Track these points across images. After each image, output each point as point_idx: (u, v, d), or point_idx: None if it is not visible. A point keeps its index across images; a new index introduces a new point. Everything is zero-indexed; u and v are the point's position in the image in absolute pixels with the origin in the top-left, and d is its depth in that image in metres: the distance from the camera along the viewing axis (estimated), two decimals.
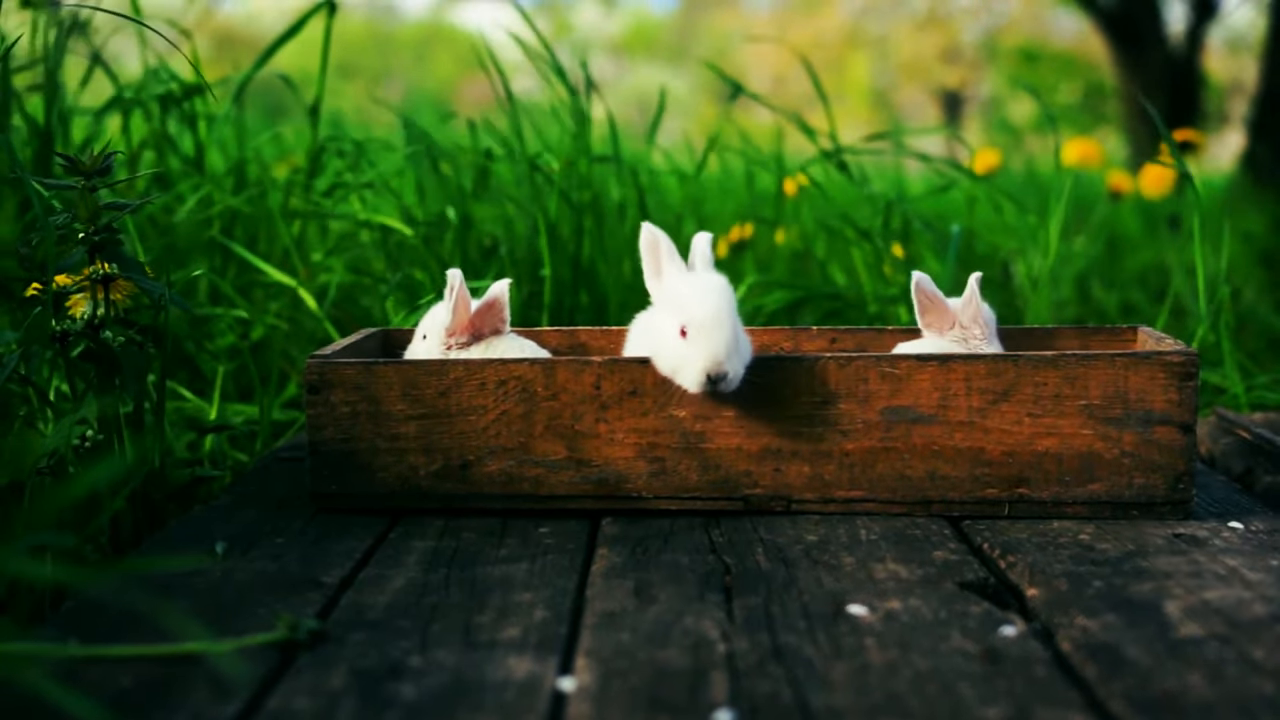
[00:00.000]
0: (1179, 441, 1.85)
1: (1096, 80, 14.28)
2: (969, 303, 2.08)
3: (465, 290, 2.07)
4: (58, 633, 1.43)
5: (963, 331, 2.09)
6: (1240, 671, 1.30)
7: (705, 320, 1.83)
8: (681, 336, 1.83)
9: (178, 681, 1.30)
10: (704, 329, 1.82)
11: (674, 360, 1.85)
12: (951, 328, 2.10)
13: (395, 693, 1.27)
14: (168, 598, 1.56)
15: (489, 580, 1.63)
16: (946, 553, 1.72)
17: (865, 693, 1.27)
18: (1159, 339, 2.03)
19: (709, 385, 1.82)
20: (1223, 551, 1.71)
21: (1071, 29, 18.97)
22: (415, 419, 1.92)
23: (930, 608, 1.50)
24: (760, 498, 1.91)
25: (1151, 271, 4.71)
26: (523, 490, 1.93)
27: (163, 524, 2.01)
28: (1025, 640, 1.40)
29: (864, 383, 1.87)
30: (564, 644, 1.40)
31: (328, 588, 1.60)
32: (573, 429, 1.91)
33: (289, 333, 2.97)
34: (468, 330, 2.08)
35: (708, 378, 1.81)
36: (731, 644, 1.39)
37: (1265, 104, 7.44)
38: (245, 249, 2.93)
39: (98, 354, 1.90)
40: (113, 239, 1.92)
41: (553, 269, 2.93)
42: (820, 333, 2.33)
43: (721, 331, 1.82)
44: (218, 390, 2.54)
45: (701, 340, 1.82)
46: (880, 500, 1.90)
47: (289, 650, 1.39)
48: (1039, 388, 1.86)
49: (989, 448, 1.88)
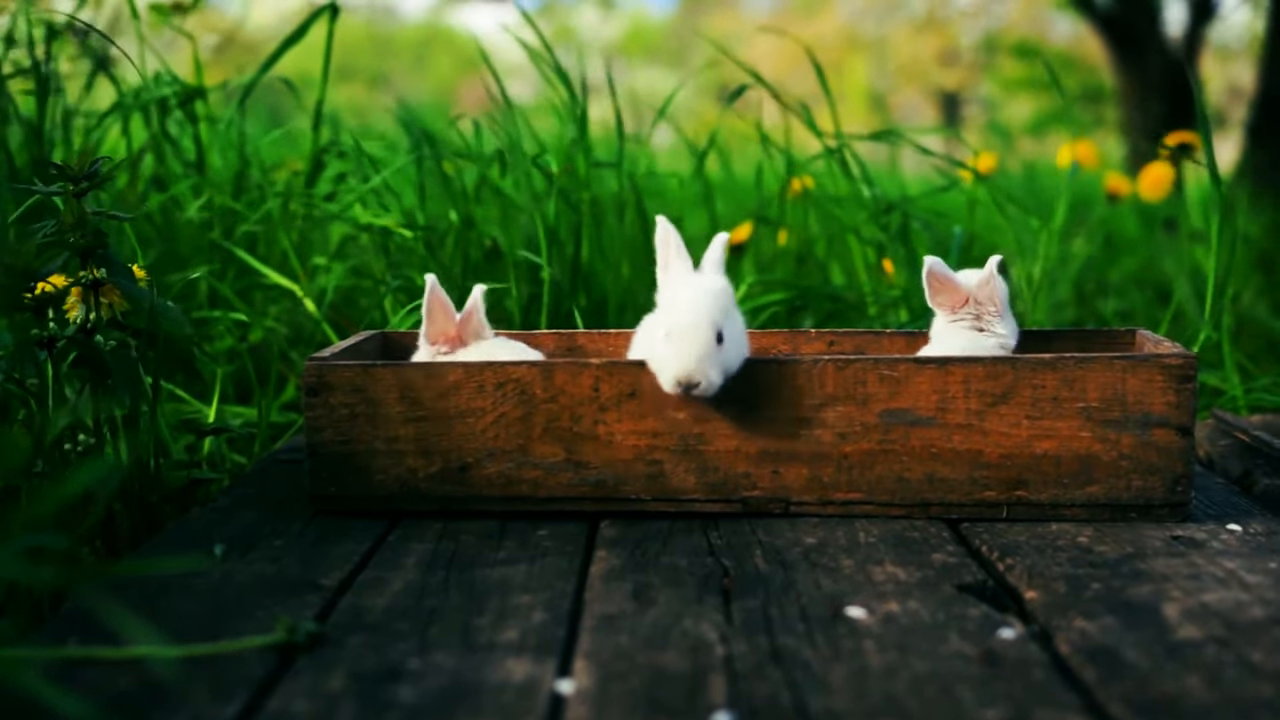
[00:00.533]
0: (1177, 444, 1.86)
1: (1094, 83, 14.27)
2: (987, 282, 2.08)
3: (442, 295, 2.07)
4: (56, 634, 1.43)
5: (976, 308, 2.09)
6: (1239, 674, 1.30)
7: (680, 328, 1.83)
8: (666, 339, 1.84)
9: (177, 683, 1.30)
10: (678, 336, 1.83)
11: (655, 362, 1.86)
12: (964, 304, 2.10)
13: (394, 695, 1.27)
14: (166, 599, 1.56)
15: (487, 583, 1.63)
16: (945, 555, 1.72)
17: (864, 695, 1.27)
18: (1157, 342, 2.04)
19: (682, 391, 1.82)
20: (1221, 554, 1.71)
21: (1068, 31, 18.99)
22: (414, 421, 1.92)
23: (929, 610, 1.50)
24: (759, 500, 1.91)
25: (1149, 274, 4.71)
26: (521, 492, 1.93)
27: (161, 527, 2.01)
28: (1024, 643, 1.40)
29: (862, 385, 1.87)
30: (562, 646, 1.40)
31: (326, 590, 1.60)
32: (571, 431, 1.91)
33: (288, 335, 2.97)
34: (453, 340, 2.08)
35: (679, 384, 1.82)
36: (730, 646, 1.39)
37: (1263, 107, 7.44)
38: (245, 252, 2.93)
39: (89, 358, 1.90)
40: (100, 244, 1.93)
41: (551, 271, 2.94)
42: (819, 335, 2.33)
43: (694, 341, 1.82)
44: (216, 393, 2.54)
45: (674, 347, 1.82)
46: (879, 503, 1.90)
47: (287, 653, 1.39)
48: (1037, 390, 1.86)
49: (987, 450, 1.88)
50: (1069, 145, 4.46)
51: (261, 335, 2.91)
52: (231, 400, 2.84)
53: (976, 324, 2.09)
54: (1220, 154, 10.47)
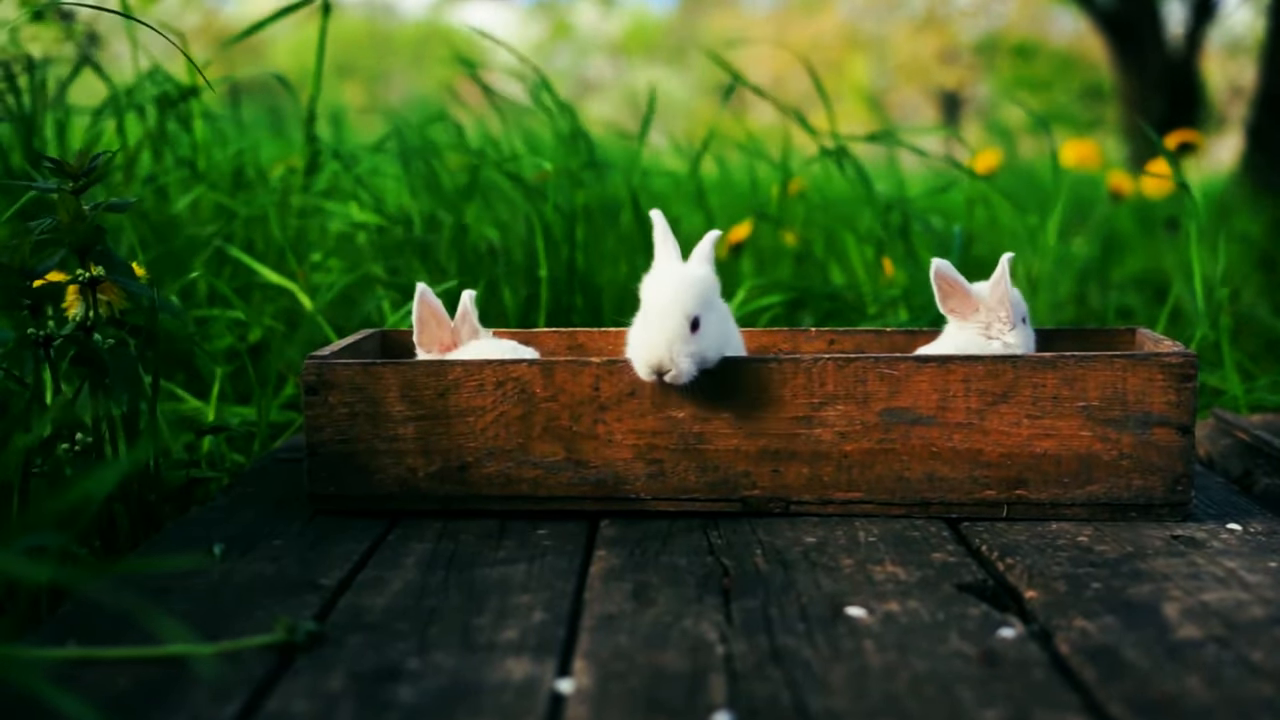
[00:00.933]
0: (1177, 443, 1.85)
1: (1094, 81, 14.28)
2: (998, 283, 2.03)
3: (433, 303, 2.06)
4: (55, 635, 1.43)
5: (988, 314, 2.04)
6: (1238, 674, 1.30)
7: (651, 314, 1.83)
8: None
9: (176, 683, 1.29)
10: (648, 322, 1.83)
11: (629, 349, 1.88)
12: (976, 312, 2.06)
13: (393, 695, 1.27)
14: (165, 599, 1.55)
15: (487, 582, 1.62)
16: (945, 554, 1.72)
17: (864, 695, 1.26)
18: (1157, 341, 2.03)
19: (655, 377, 1.82)
20: (1221, 553, 1.71)
21: (1069, 30, 18.99)
22: (413, 420, 1.92)
23: (929, 610, 1.50)
24: (759, 499, 1.91)
25: (1150, 273, 4.71)
26: (521, 492, 1.93)
27: (160, 526, 2.01)
28: (1024, 642, 1.40)
29: (862, 384, 1.87)
30: (562, 646, 1.40)
31: (326, 590, 1.60)
32: (571, 430, 1.91)
33: (286, 334, 2.97)
34: (447, 346, 2.07)
35: (651, 370, 1.81)
36: (730, 646, 1.39)
37: (1264, 106, 7.44)
38: (242, 251, 2.93)
39: (87, 356, 1.90)
40: (98, 241, 1.92)
41: (548, 271, 2.93)
42: (819, 334, 2.33)
43: (663, 327, 1.81)
44: (215, 392, 2.54)
45: (645, 334, 1.82)
46: (879, 502, 1.90)
47: (287, 652, 1.38)
48: (1037, 389, 1.86)
49: (987, 449, 1.87)
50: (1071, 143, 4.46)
51: (260, 334, 2.91)
52: (231, 399, 2.84)
53: (986, 333, 2.04)
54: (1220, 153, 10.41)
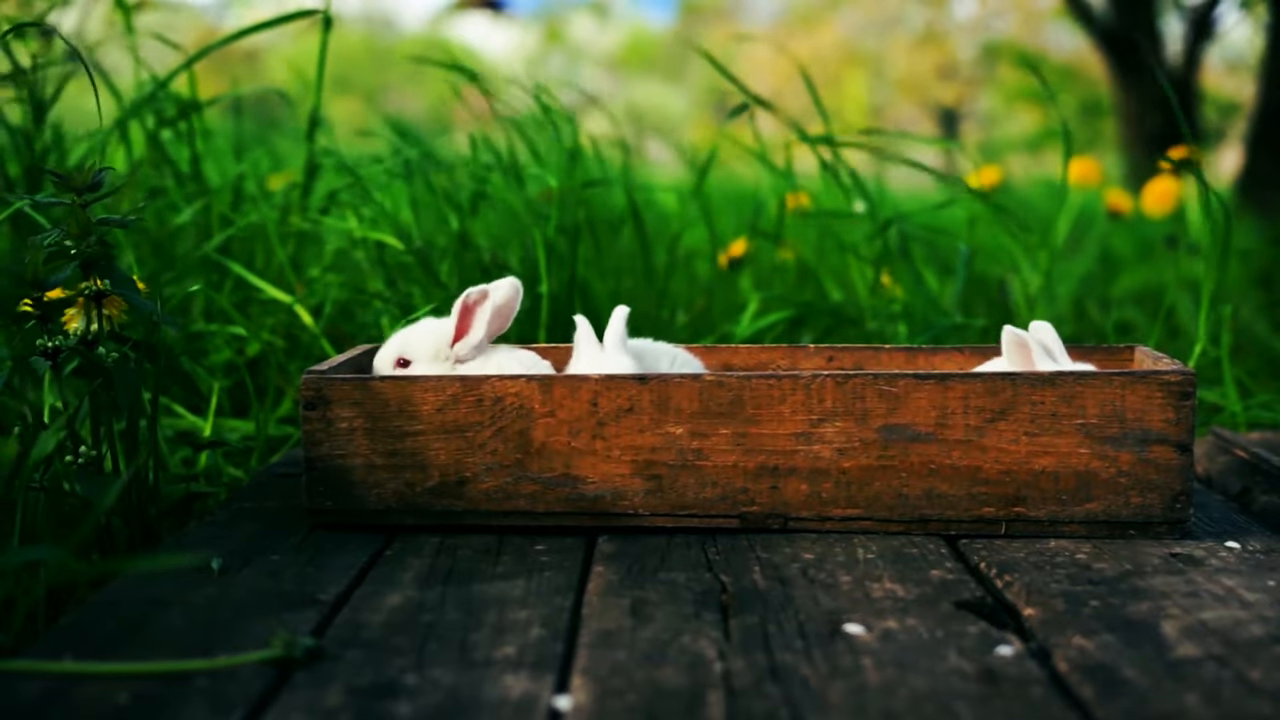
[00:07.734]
0: (1176, 461, 1.85)
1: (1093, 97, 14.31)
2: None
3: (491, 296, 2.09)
4: (52, 649, 1.43)
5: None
6: (1237, 692, 1.30)
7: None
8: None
9: (173, 699, 1.29)
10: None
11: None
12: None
13: (391, 711, 1.27)
14: (163, 614, 1.55)
15: (485, 598, 1.62)
16: (943, 572, 1.72)
17: (862, 712, 1.26)
18: (1156, 358, 2.04)
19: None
20: (1220, 571, 1.71)
21: (1068, 45, 19.05)
22: (411, 435, 1.92)
23: (927, 627, 1.50)
24: (757, 515, 1.91)
25: (1149, 290, 4.72)
26: (519, 507, 1.93)
27: (157, 540, 2.01)
28: (1022, 660, 1.40)
29: (861, 400, 1.87)
30: (560, 662, 1.40)
31: (324, 605, 1.60)
32: (569, 446, 1.91)
33: (285, 349, 2.97)
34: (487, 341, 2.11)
35: None
36: (728, 663, 1.39)
37: (1262, 123, 7.46)
38: (241, 265, 2.93)
39: (90, 370, 1.90)
40: (104, 255, 1.92)
41: (549, 285, 2.94)
42: (817, 350, 2.33)
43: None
44: (213, 406, 2.54)
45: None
46: (877, 519, 1.90)
47: (285, 668, 1.38)
48: (1036, 406, 1.86)
49: (986, 466, 1.88)
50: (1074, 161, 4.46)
51: (259, 348, 2.91)
52: (229, 414, 2.83)
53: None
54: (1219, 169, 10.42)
